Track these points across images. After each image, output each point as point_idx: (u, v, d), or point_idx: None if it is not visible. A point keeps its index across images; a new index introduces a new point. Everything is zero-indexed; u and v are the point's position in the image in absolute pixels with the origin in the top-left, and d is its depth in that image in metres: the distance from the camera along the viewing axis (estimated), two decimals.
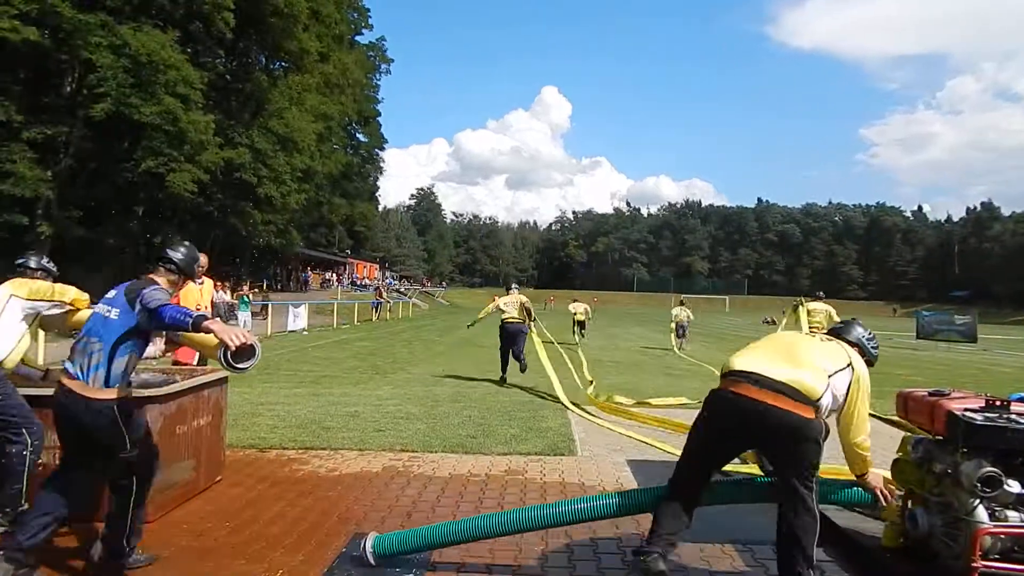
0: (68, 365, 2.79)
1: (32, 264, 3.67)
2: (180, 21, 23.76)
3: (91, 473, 2.95)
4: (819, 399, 2.65)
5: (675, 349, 16.95)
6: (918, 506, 2.85)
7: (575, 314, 19.28)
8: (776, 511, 2.76)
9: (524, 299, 10.04)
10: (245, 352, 2.60)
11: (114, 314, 2.76)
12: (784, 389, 2.66)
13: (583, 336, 19.05)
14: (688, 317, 17.86)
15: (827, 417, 2.74)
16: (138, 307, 2.67)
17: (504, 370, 9.74)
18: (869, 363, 2.93)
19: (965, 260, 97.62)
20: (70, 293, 3.58)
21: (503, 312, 9.88)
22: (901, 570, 2.89)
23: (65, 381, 2.75)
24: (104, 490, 3.17)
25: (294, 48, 29.01)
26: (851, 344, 2.93)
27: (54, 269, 3.80)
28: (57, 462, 3.42)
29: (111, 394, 2.72)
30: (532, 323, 9.98)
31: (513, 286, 10.59)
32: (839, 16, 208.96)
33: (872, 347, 3.00)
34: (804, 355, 2.81)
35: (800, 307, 10.45)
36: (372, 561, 2.98)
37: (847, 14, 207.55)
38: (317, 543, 3.32)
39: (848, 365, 2.77)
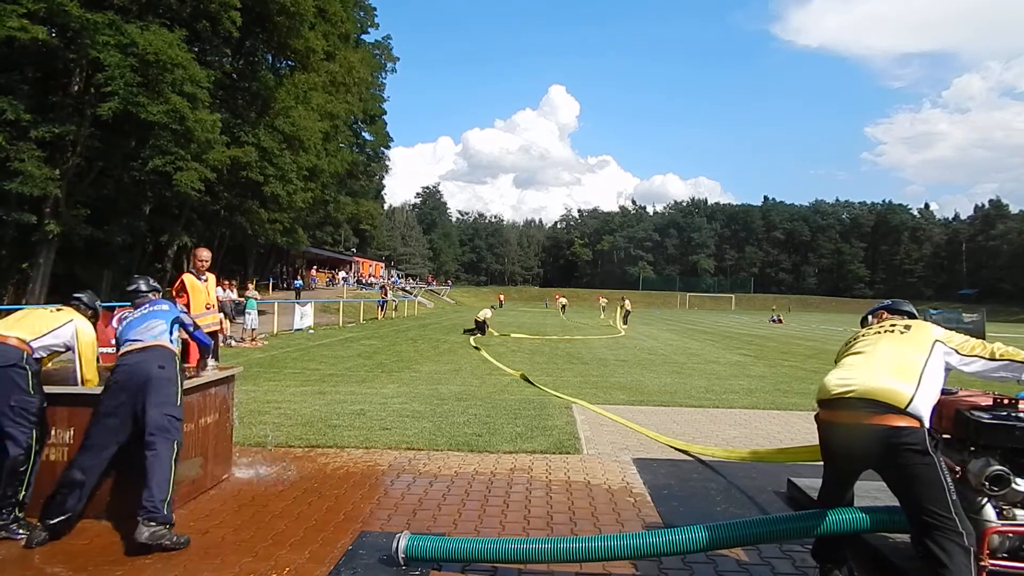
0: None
1: (86, 300, 3.94)
2: (187, 20, 23.79)
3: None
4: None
5: None
6: None
7: (562, 302, 46.67)
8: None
9: (488, 312, 21.31)
10: None
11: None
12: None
13: (564, 313, 41.95)
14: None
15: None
16: None
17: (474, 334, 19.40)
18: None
19: (973, 258, 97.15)
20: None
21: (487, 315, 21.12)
22: (909, 568, 2.88)
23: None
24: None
25: (300, 47, 28.98)
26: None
27: (100, 308, 4.07)
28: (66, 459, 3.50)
29: None
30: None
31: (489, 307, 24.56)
32: (845, 14, 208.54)
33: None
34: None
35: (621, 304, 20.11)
36: (402, 562, 2.95)
37: (853, 12, 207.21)
38: (323, 540, 3.33)
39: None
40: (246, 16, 24.42)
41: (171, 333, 3.69)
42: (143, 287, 3.96)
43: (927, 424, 2.42)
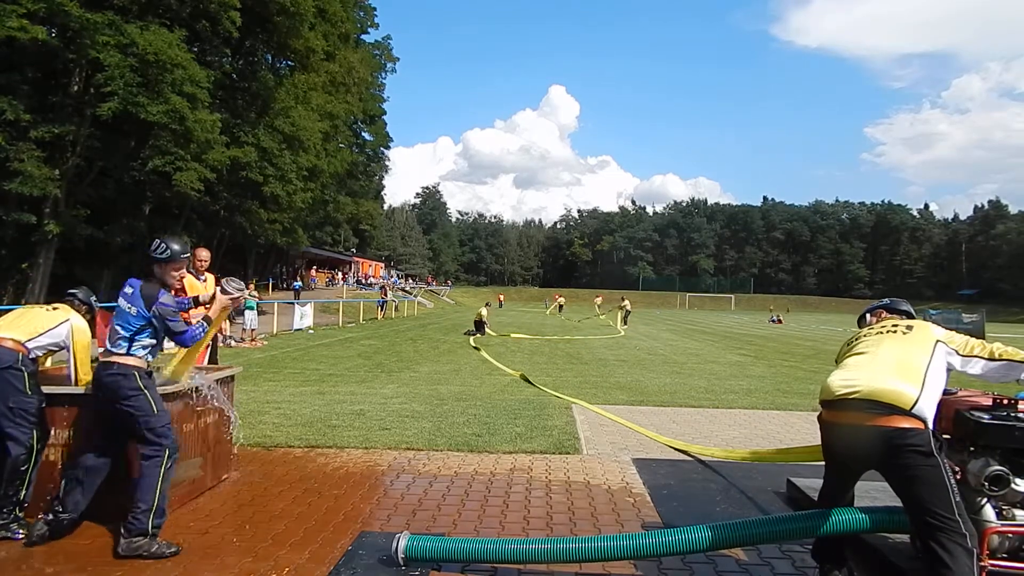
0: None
1: (80, 296, 3.92)
2: (187, 20, 23.80)
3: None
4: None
5: None
6: None
7: (559, 301, 47.31)
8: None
9: (484, 311, 21.45)
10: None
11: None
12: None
13: (561, 312, 43.68)
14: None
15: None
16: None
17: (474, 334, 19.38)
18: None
19: (973, 258, 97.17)
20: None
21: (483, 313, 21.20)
22: (909, 568, 2.88)
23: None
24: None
25: (300, 47, 29.00)
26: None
27: (96, 305, 4.01)
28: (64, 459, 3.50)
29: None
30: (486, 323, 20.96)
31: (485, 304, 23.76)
32: (844, 14, 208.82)
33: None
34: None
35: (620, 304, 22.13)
36: (402, 562, 2.94)
37: (852, 12, 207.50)
38: (323, 541, 3.33)
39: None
40: (246, 16, 24.42)
41: (131, 346, 3.26)
42: (157, 252, 3.35)
43: (931, 425, 2.42)
